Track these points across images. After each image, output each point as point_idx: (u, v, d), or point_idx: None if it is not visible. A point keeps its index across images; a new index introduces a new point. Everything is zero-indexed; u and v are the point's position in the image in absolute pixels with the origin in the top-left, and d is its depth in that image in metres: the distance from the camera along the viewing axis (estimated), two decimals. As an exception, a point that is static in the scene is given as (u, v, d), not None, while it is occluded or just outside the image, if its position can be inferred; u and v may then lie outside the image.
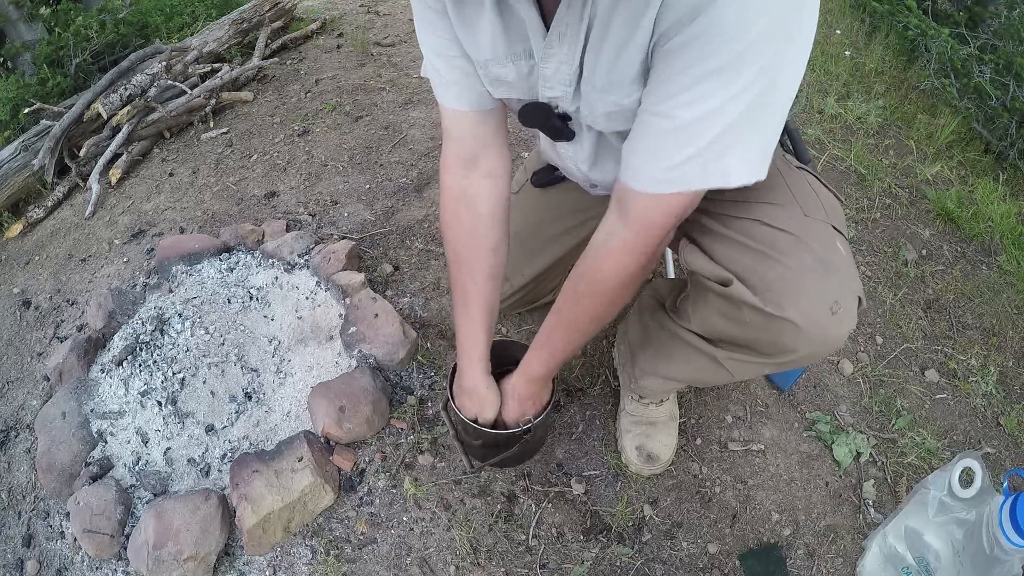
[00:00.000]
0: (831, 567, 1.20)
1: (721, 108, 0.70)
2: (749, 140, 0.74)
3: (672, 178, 0.76)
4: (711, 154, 0.73)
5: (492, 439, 1.15)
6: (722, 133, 0.71)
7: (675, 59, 0.70)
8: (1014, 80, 2.22)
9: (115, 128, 2.38)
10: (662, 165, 0.75)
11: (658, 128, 0.75)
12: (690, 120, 0.71)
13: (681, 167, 0.74)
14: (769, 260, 0.85)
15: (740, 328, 0.91)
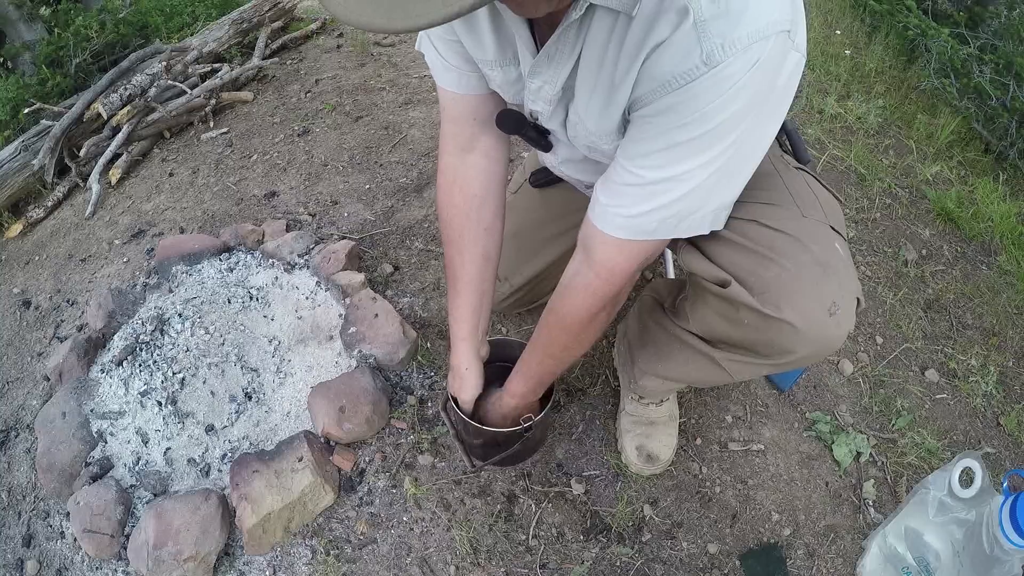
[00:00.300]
0: (831, 567, 1.20)
1: (687, 174, 0.73)
2: (711, 201, 0.79)
3: (634, 226, 0.80)
4: (673, 211, 0.77)
5: (492, 437, 1.15)
6: (685, 195, 0.76)
7: (648, 126, 0.73)
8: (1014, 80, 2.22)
9: (115, 128, 2.38)
10: (625, 213, 0.80)
11: (626, 181, 0.79)
12: (655, 180, 0.76)
13: (643, 217, 0.79)
14: (767, 261, 0.85)
15: (738, 329, 0.91)
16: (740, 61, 0.64)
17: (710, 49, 0.63)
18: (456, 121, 1.01)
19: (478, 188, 1.05)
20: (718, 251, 0.89)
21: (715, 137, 0.70)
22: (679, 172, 0.73)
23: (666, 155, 0.73)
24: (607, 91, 0.76)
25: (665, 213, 0.78)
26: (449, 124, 1.03)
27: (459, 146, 1.03)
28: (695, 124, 0.69)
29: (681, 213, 0.78)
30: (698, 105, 0.67)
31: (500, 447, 1.17)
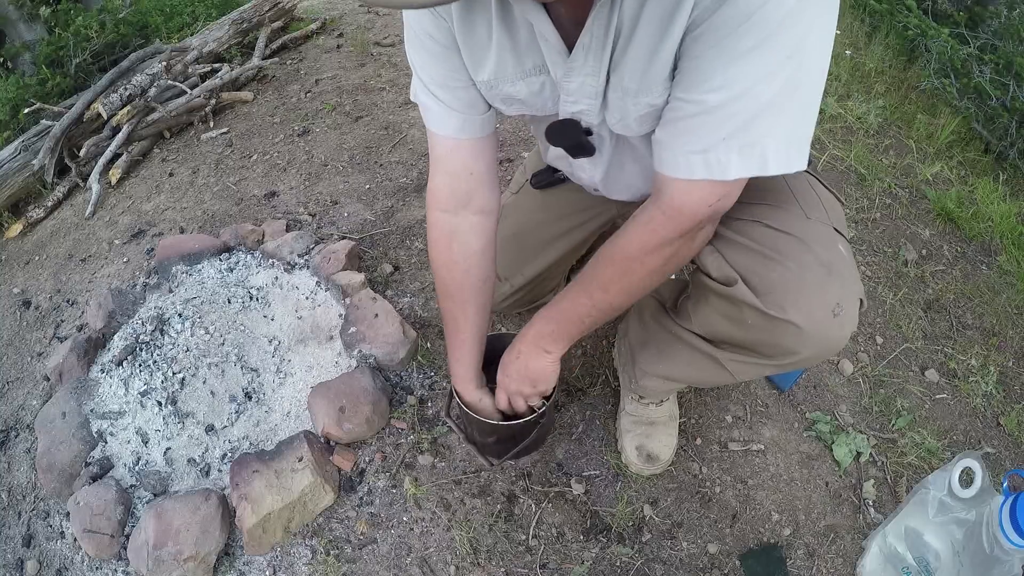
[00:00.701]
0: (831, 567, 1.20)
1: (751, 90, 0.68)
2: (783, 124, 0.71)
3: (709, 162, 0.73)
4: (745, 138, 0.71)
5: (507, 432, 1.15)
6: (754, 116, 0.69)
7: (704, 45, 0.68)
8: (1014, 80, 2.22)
9: (115, 128, 2.38)
10: (693, 150, 0.73)
11: (688, 113, 0.73)
12: (720, 103, 0.69)
13: (718, 149, 0.72)
14: (771, 262, 0.85)
15: (742, 329, 0.91)
16: None
17: None
18: (453, 175, 0.99)
19: (476, 245, 1.03)
20: (722, 252, 0.89)
21: (773, 44, 0.65)
22: (742, 89, 0.68)
23: (727, 73, 0.68)
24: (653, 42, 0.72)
25: (741, 140, 0.71)
26: (444, 177, 1.00)
27: (456, 202, 1.01)
28: (756, 28, 0.64)
29: (756, 139, 0.71)
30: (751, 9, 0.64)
31: (516, 439, 1.17)
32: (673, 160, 0.76)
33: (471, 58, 0.87)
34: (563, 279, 1.53)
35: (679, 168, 0.76)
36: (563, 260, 1.38)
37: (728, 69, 0.68)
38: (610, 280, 0.89)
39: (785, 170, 0.73)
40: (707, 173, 0.74)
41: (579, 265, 1.61)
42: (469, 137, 0.96)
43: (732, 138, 0.71)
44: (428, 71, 0.92)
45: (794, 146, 0.73)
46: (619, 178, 1.04)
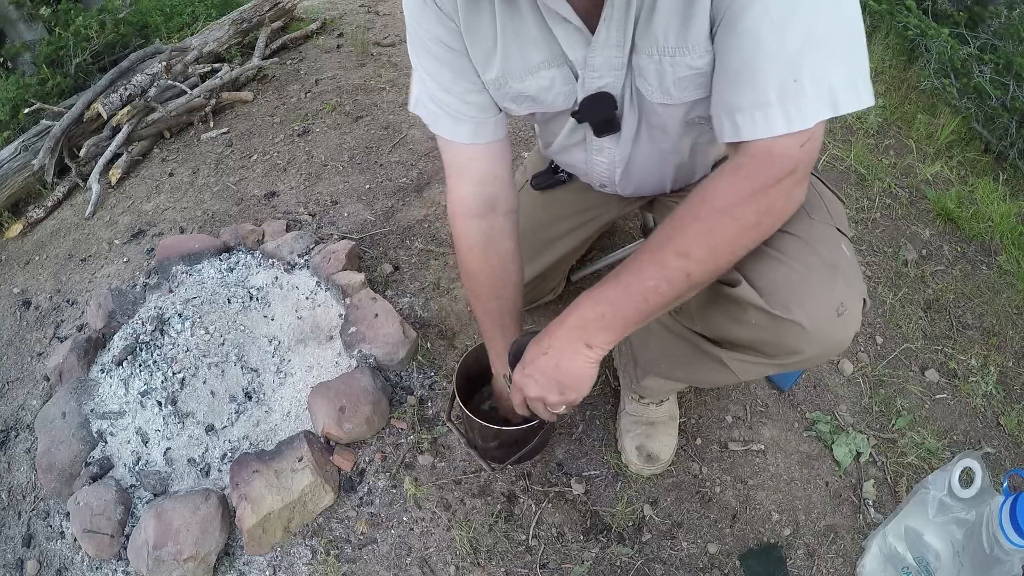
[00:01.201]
0: (831, 567, 1.20)
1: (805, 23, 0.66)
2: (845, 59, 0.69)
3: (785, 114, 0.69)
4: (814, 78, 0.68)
5: (509, 437, 1.15)
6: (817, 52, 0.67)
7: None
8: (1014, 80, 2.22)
9: (115, 128, 2.38)
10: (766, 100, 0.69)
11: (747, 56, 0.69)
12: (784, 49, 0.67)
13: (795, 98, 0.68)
14: (775, 262, 0.85)
15: (746, 329, 0.91)
16: None
17: None
18: (476, 182, 0.99)
19: (509, 245, 1.04)
20: None
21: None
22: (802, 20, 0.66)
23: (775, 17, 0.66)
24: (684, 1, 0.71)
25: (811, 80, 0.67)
26: (468, 185, 0.99)
27: (485, 208, 1.00)
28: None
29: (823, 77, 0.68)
30: None
31: (517, 444, 1.17)
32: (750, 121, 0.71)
33: (479, 57, 0.87)
34: (563, 279, 1.53)
35: (757, 127, 0.71)
36: (563, 261, 1.38)
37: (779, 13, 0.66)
38: (692, 241, 0.75)
39: (856, 107, 0.69)
40: (787, 126, 0.69)
41: (579, 265, 1.61)
42: (485, 141, 0.96)
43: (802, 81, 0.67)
44: (437, 77, 0.91)
45: (860, 82, 0.70)
46: (636, 165, 1.03)
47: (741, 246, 0.76)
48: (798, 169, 0.73)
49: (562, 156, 1.15)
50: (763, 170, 0.72)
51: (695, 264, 0.75)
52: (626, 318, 0.80)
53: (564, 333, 0.84)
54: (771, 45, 0.68)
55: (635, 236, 1.74)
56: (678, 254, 0.75)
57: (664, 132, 0.93)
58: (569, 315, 0.84)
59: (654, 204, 1.24)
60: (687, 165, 1.04)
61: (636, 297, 0.78)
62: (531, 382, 0.88)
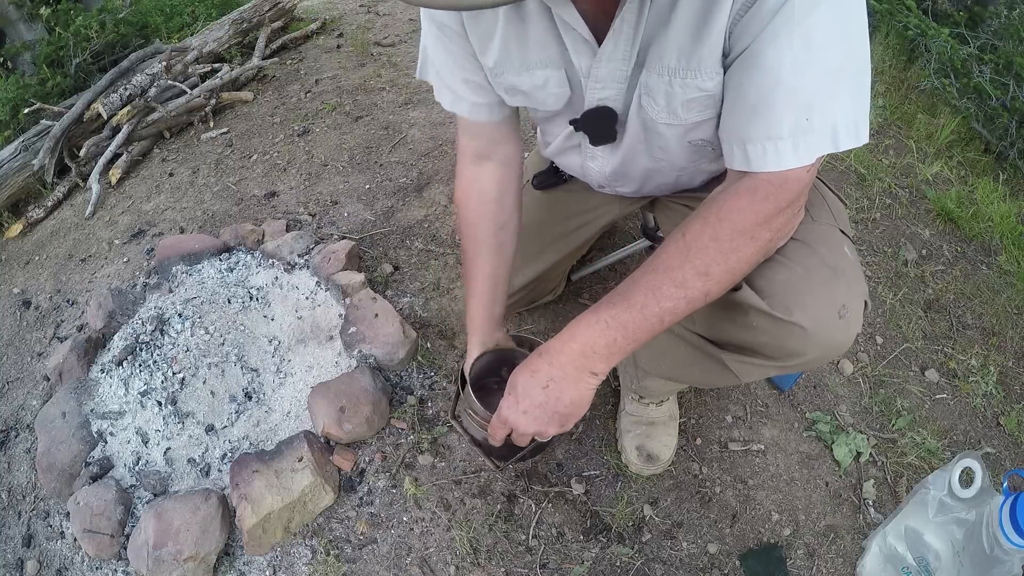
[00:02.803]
0: (831, 567, 1.20)
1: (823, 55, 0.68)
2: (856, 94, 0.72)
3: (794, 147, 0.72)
4: (823, 115, 0.70)
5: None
6: (836, 96, 0.70)
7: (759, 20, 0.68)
8: (1014, 80, 2.22)
9: (115, 128, 2.38)
10: (777, 134, 0.72)
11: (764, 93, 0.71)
12: (792, 75, 0.69)
13: (806, 134, 0.71)
14: (777, 264, 0.85)
15: (747, 332, 0.91)
16: None
17: None
18: (475, 137, 1.04)
19: (494, 192, 1.06)
20: None
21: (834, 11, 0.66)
22: (815, 51, 0.67)
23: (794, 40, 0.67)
24: (698, 18, 0.71)
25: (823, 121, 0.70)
26: (467, 137, 1.05)
27: (478, 155, 1.05)
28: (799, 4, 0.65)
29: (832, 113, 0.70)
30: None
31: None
32: (761, 152, 0.73)
33: (477, 43, 0.88)
34: (563, 279, 1.53)
35: (768, 160, 0.73)
36: (563, 261, 1.38)
37: (793, 40, 0.67)
38: (712, 260, 0.75)
39: (854, 145, 0.73)
40: (796, 160, 0.72)
41: (579, 266, 1.61)
42: (498, 120, 1.00)
43: (812, 117, 0.70)
44: (436, 51, 0.96)
45: (860, 123, 0.73)
46: (634, 174, 1.04)
47: (755, 262, 0.80)
48: (804, 192, 0.77)
49: (560, 158, 1.16)
50: (779, 194, 0.75)
51: (715, 283, 0.76)
52: (638, 341, 0.78)
53: (569, 362, 0.79)
54: (790, 83, 0.70)
55: (635, 236, 1.74)
56: (699, 274, 0.75)
57: (665, 151, 0.94)
58: (572, 341, 0.79)
59: (655, 204, 1.24)
60: (687, 172, 1.03)
61: (652, 320, 0.76)
62: (529, 419, 0.83)
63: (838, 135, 0.72)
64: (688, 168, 1.01)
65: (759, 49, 0.70)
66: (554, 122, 1.02)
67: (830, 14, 0.67)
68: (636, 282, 0.77)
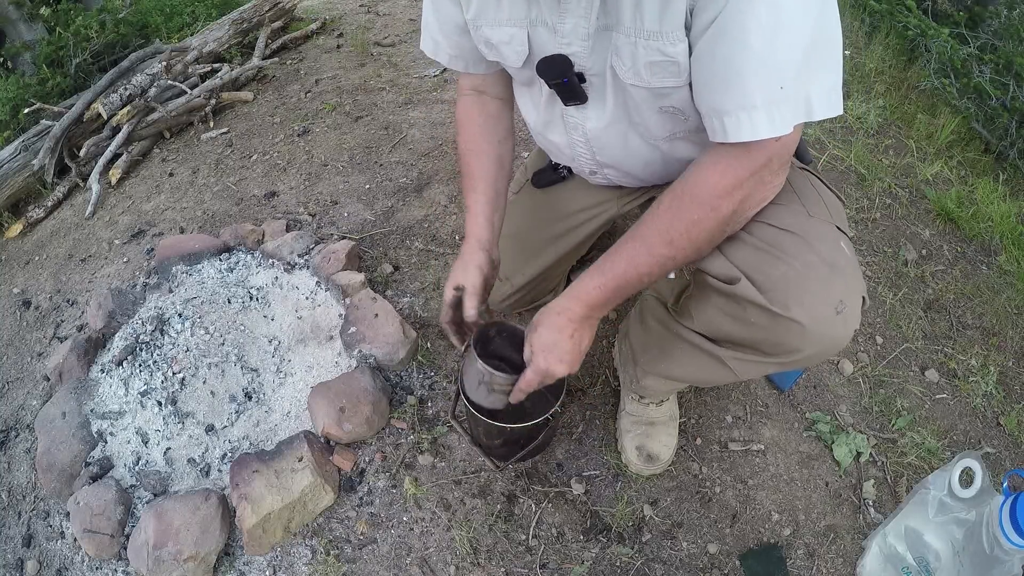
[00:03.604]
0: (831, 567, 1.20)
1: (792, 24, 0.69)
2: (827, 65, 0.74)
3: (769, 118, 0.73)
4: (799, 86, 0.72)
5: (515, 434, 1.15)
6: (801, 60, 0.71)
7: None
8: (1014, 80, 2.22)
9: (115, 128, 2.38)
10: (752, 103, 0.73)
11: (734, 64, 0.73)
12: (764, 45, 0.70)
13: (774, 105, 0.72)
14: (774, 260, 0.85)
15: (745, 328, 0.91)
16: None
17: None
18: (470, 76, 1.14)
19: (495, 110, 1.15)
20: (726, 249, 0.89)
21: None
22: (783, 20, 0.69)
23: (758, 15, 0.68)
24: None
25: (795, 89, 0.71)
26: (463, 77, 1.15)
27: (475, 89, 1.14)
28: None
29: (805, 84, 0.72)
30: None
31: (521, 442, 1.17)
32: (735, 123, 0.75)
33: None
34: (564, 279, 1.53)
35: (743, 130, 0.75)
36: (564, 259, 1.38)
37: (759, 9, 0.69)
38: (677, 232, 0.83)
39: (828, 115, 0.74)
40: (771, 129, 0.74)
41: (579, 265, 1.61)
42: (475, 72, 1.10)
43: (786, 86, 0.72)
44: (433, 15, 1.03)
45: (834, 93, 0.75)
46: (615, 147, 1.03)
47: (721, 233, 0.85)
48: (773, 160, 0.79)
49: (546, 135, 1.14)
50: (740, 164, 0.78)
51: (680, 251, 0.84)
52: (625, 297, 0.91)
53: (580, 315, 0.93)
54: (761, 52, 0.71)
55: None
56: (664, 243, 0.84)
57: (640, 115, 0.93)
58: (577, 300, 0.92)
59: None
60: (675, 162, 1.02)
61: (633, 282, 0.88)
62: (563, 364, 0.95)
63: (812, 104, 0.73)
64: (666, 147, 0.99)
65: (728, 19, 0.71)
66: (532, 88, 1.06)
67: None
68: (619, 250, 0.89)
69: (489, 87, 1.15)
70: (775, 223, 0.87)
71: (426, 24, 1.07)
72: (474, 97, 1.15)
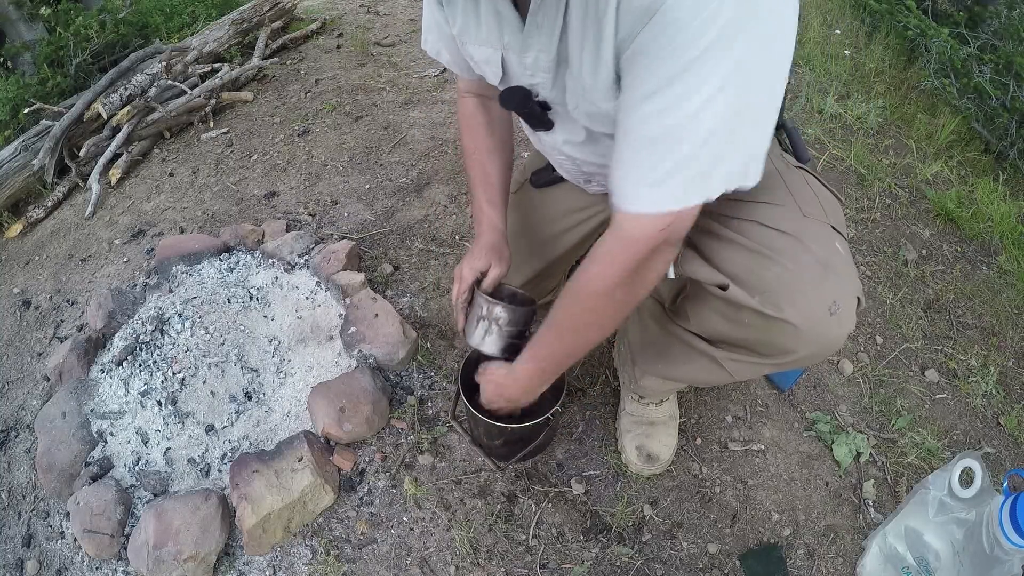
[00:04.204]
0: (831, 567, 1.20)
1: (695, 114, 0.67)
2: (735, 146, 0.71)
3: (659, 196, 0.73)
4: (696, 167, 0.70)
5: (515, 434, 1.15)
6: (704, 140, 0.69)
7: (637, 66, 0.69)
8: (1014, 80, 2.22)
9: (115, 128, 2.38)
10: (646, 180, 0.73)
11: (633, 140, 0.73)
12: (665, 130, 0.69)
13: (667, 182, 0.72)
14: (767, 261, 0.85)
15: (739, 329, 0.91)
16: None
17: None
18: (468, 81, 1.13)
19: (496, 112, 1.15)
20: (718, 251, 0.89)
21: (709, 62, 0.64)
22: (686, 112, 0.67)
23: (664, 94, 0.67)
24: (595, 41, 0.73)
25: (688, 172, 0.70)
26: (462, 82, 1.15)
27: (476, 92, 1.14)
28: (682, 49, 0.64)
29: (706, 168, 0.71)
30: (678, 28, 0.63)
31: (522, 442, 1.17)
32: (624, 192, 0.76)
33: (448, 12, 0.93)
34: (563, 279, 1.53)
35: (627, 199, 0.76)
36: (563, 259, 1.38)
37: (665, 91, 0.67)
38: (582, 322, 0.91)
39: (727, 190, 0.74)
40: (654, 206, 0.74)
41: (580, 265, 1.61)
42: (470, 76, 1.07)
43: (681, 167, 0.70)
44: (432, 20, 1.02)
45: (736, 174, 0.73)
46: (593, 166, 1.05)
47: (623, 314, 0.90)
48: (660, 248, 0.79)
49: (535, 146, 1.20)
50: (627, 254, 0.80)
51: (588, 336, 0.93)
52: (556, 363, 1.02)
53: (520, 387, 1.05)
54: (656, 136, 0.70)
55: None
56: (571, 331, 0.93)
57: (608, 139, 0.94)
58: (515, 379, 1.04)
59: None
60: None
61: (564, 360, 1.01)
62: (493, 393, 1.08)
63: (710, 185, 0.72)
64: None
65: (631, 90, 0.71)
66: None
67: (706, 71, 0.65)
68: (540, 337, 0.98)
69: (488, 90, 1.15)
70: (769, 223, 0.87)
71: (427, 27, 1.07)
72: (475, 99, 1.16)
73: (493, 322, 1.06)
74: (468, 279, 1.10)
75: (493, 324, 1.06)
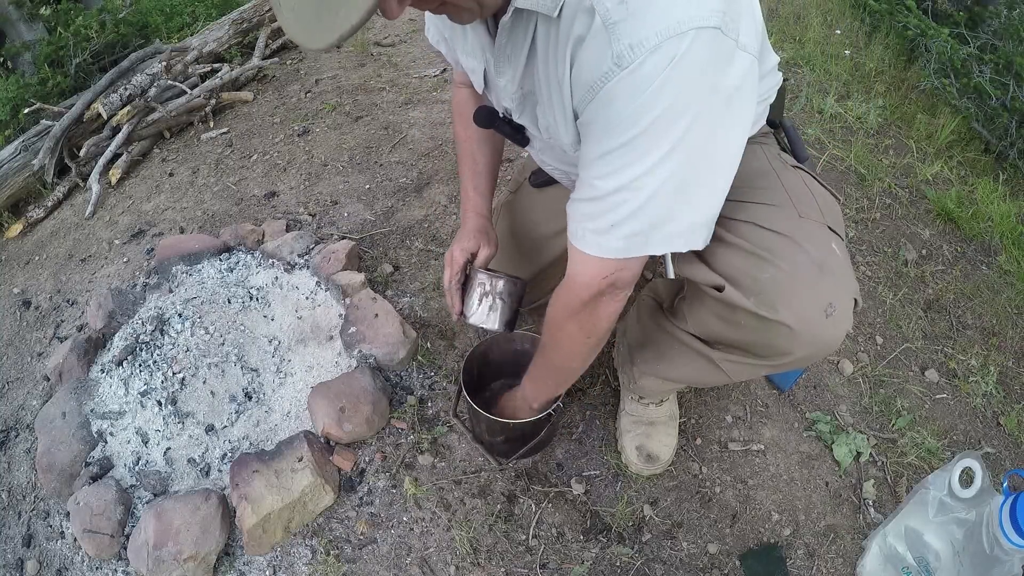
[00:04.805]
0: (831, 567, 1.20)
1: (637, 182, 0.71)
2: (677, 214, 0.75)
3: (601, 244, 0.79)
4: (635, 226, 0.75)
5: (516, 431, 1.15)
6: (642, 206, 0.73)
7: (587, 134, 0.75)
8: (1014, 80, 2.22)
9: (115, 128, 2.38)
10: (591, 228, 0.79)
11: (584, 195, 0.78)
12: (608, 191, 0.74)
13: (608, 234, 0.77)
14: (763, 262, 0.85)
15: (735, 330, 0.91)
16: (653, 60, 0.64)
17: (619, 51, 0.65)
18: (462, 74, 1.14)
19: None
20: (714, 253, 0.89)
21: (651, 140, 0.68)
22: (627, 180, 0.72)
23: (608, 162, 0.72)
24: (559, 99, 0.78)
25: (627, 229, 0.75)
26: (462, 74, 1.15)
27: (466, 84, 1.16)
28: (624, 127, 0.68)
29: (645, 228, 0.75)
30: (621, 107, 0.67)
31: (523, 439, 1.17)
32: (575, 231, 0.82)
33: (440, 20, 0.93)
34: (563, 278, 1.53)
35: (576, 238, 0.82)
36: (562, 259, 1.37)
37: (609, 159, 0.72)
38: (552, 352, 1.01)
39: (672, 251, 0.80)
40: (598, 251, 0.80)
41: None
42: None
43: (621, 225, 0.75)
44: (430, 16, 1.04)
45: (679, 236, 0.78)
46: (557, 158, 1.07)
47: (586, 349, 0.96)
48: (606, 291, 0.84)
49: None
50: (571, 295, 0.87)
51: (564, 364, 1.02)
52: (550, 396, 1.15)
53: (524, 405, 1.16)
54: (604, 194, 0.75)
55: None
56: (545, 363, 1.05)
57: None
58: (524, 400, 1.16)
59: None
60: None
61: (547, 390, 1.13)
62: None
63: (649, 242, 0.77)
64: None
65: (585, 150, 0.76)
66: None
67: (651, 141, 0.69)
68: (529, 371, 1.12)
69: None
70: (765, 225, 0.87)
71: (430, 20, 1.09)
72: (469, 90, 1.18)
73: (497, 296, 1.10)
74: (460, 261, 1.13)
75: (497, 298, 1.10)
